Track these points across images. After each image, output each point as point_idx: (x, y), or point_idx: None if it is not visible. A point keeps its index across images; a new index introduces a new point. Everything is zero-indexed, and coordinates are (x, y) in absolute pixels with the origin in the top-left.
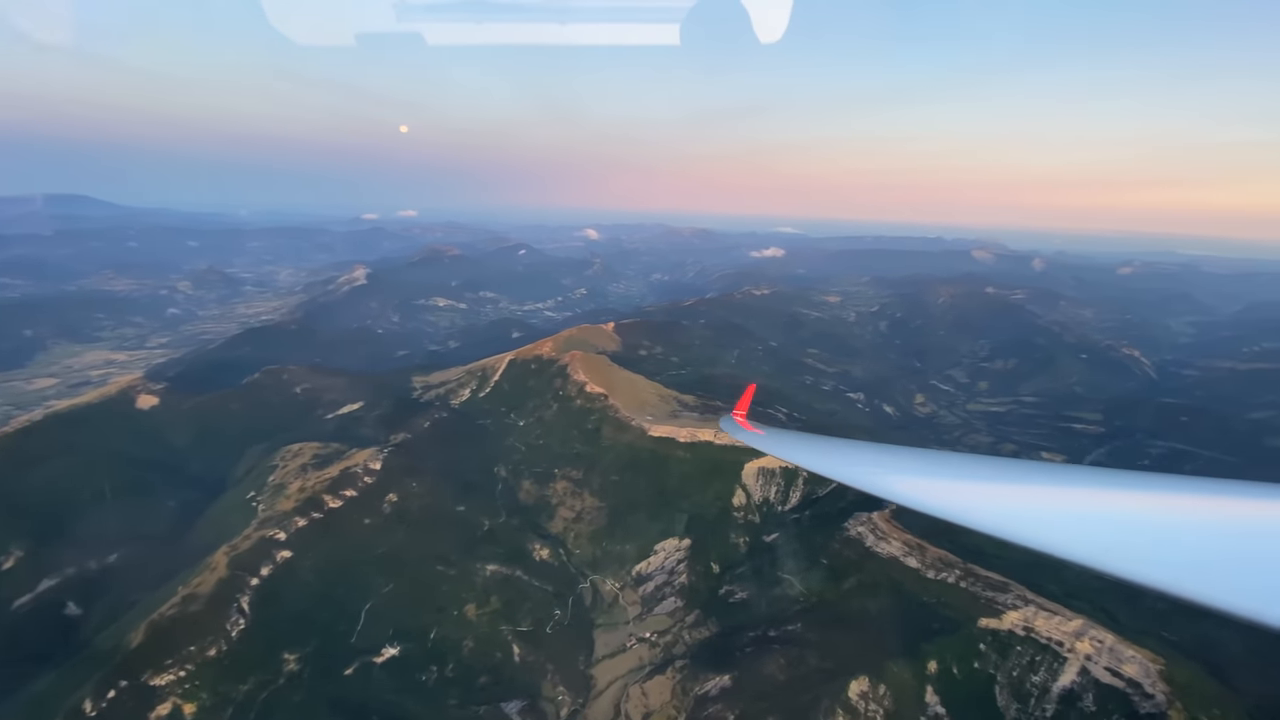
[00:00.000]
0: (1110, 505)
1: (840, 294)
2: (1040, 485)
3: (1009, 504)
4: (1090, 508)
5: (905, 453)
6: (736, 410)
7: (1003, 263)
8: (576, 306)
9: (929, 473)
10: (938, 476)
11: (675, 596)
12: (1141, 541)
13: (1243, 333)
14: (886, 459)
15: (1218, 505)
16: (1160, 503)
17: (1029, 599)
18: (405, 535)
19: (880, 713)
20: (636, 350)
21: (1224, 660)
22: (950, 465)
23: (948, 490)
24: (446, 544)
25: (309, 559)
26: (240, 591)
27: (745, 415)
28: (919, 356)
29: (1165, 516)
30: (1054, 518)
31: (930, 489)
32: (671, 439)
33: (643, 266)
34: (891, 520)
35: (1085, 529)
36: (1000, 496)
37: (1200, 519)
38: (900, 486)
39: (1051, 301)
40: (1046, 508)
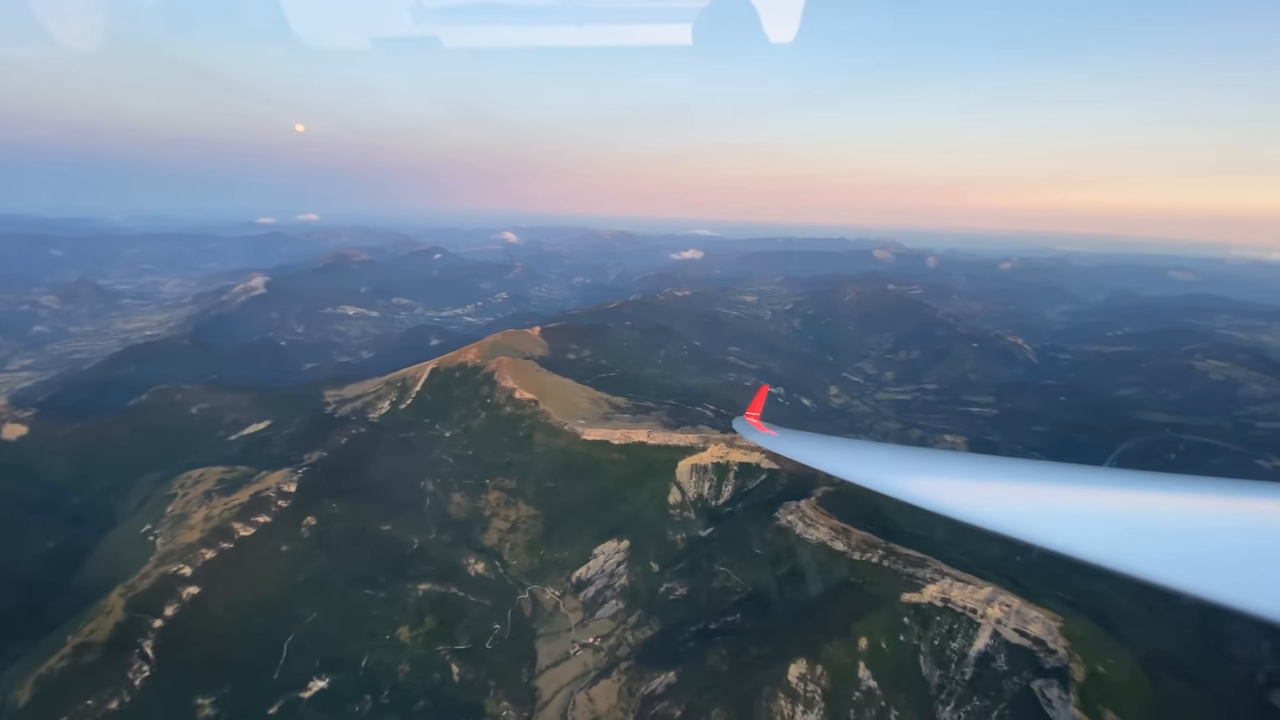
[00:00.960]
0: (1116, 504)
1: (756, 294)
2: (1046, 485)
3: (1017, 503)
4: (1096, 507)
5: (915, 453)
6: (750, 412)
7: (901, 261)
8: (498, 311)
9: (939, 473)
10: (947, 476)
11: (616, 599)
12: (1148, 540)
13: (1107, 319)
14: (897, 459)
15: (1222, 504)
16: (1165, 502)
17: (945, 572)
18: (328, 560)
19: (818, 692)
20: (565, 354)
21: (1113, 614)
22: (958, 465)
23: (957, 490)
24: (374, 566)
25: (220, 593)
26: (142, 635)
27: (759, 417)
28: (831, 351)
29: (1171, 515)
30: (1062, 517)
31: (940, 489)
32: (606, 442)
33: (564, 269)
34: (818, 507)
35: (1092, 528)
36: (1008, 496)
37: (1205, 518)
38: (911, 486)
39: (945, 296)
40: (1054, 507)
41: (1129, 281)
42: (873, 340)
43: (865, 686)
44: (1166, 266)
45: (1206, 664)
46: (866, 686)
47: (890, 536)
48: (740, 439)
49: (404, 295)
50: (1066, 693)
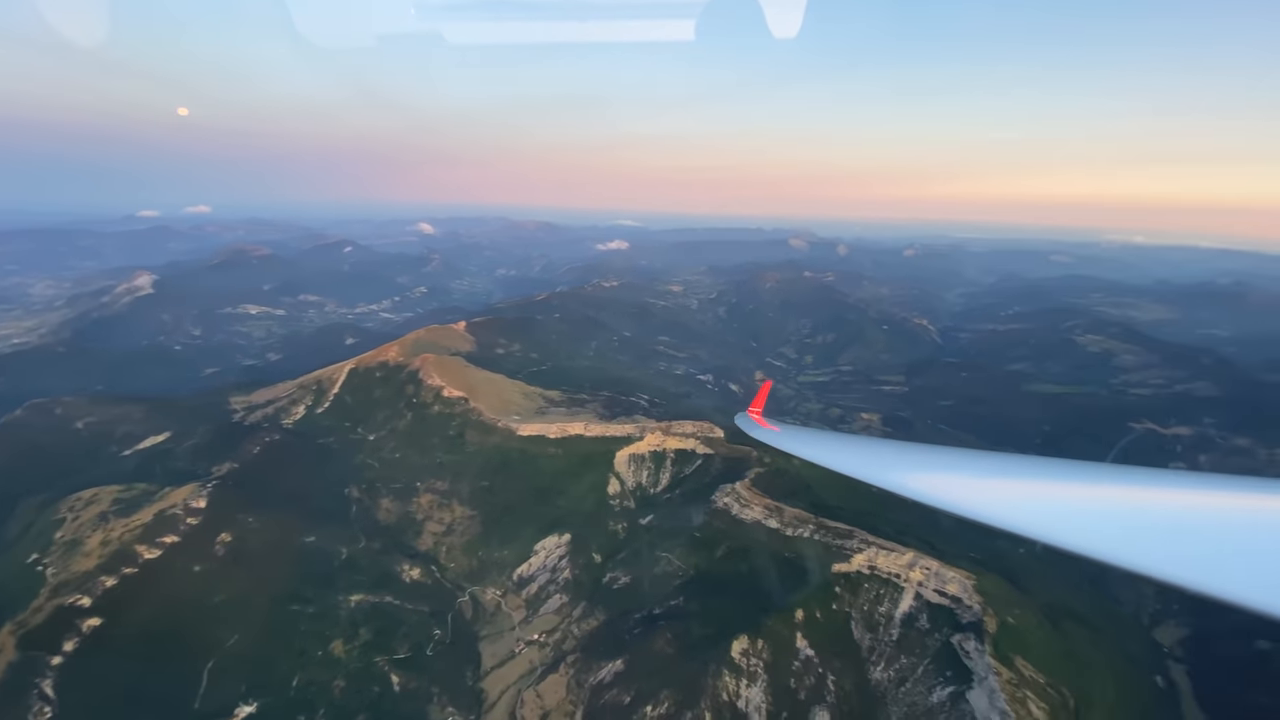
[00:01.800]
0: (1118, 501)
1: (682, 283)
2: (1046, 480)
3: (1017, 499)
4: (1096, 502)
5: (915, 449)
6: (752, 408)
7: (814, 249)
8: (417, 306)
9: (943, 469)
10: (951, 472)
11: (560, 593)
12: (1154, 537)
13: (999, 300)
14: (901, 456)
15: (1232, 501)
16: (1175, 499)
17: (870, 541)
18: (248, 577)
19: (760, 665)
20: (493, 349)
21: (1017, 569)
22: (962, 461)
23: (961, 486)
24: (299, 580)
25: (127, 623)
26: (38, 675)
27: (761, 412)
28: (754, 337)
29: (1183, 512)
30: (1063, 512)
31: (945, 485)
32: (541, 436)
33: (486, 261)
34: (752, 488)
35: (1092, 523)
36: (1008, 492)
37: (1207, 514)
38: (915, 483)
39: (856, 282)
40: (1054, 502)
41: (1016, 265)
42: (792, 326)
43: (803, 656)
44: (1047, 251)
45: (1099, 609)
46: (804, 656)
47: (819, 511)
48: (676, 426)
49: (312, 292)
50: (982, 644)
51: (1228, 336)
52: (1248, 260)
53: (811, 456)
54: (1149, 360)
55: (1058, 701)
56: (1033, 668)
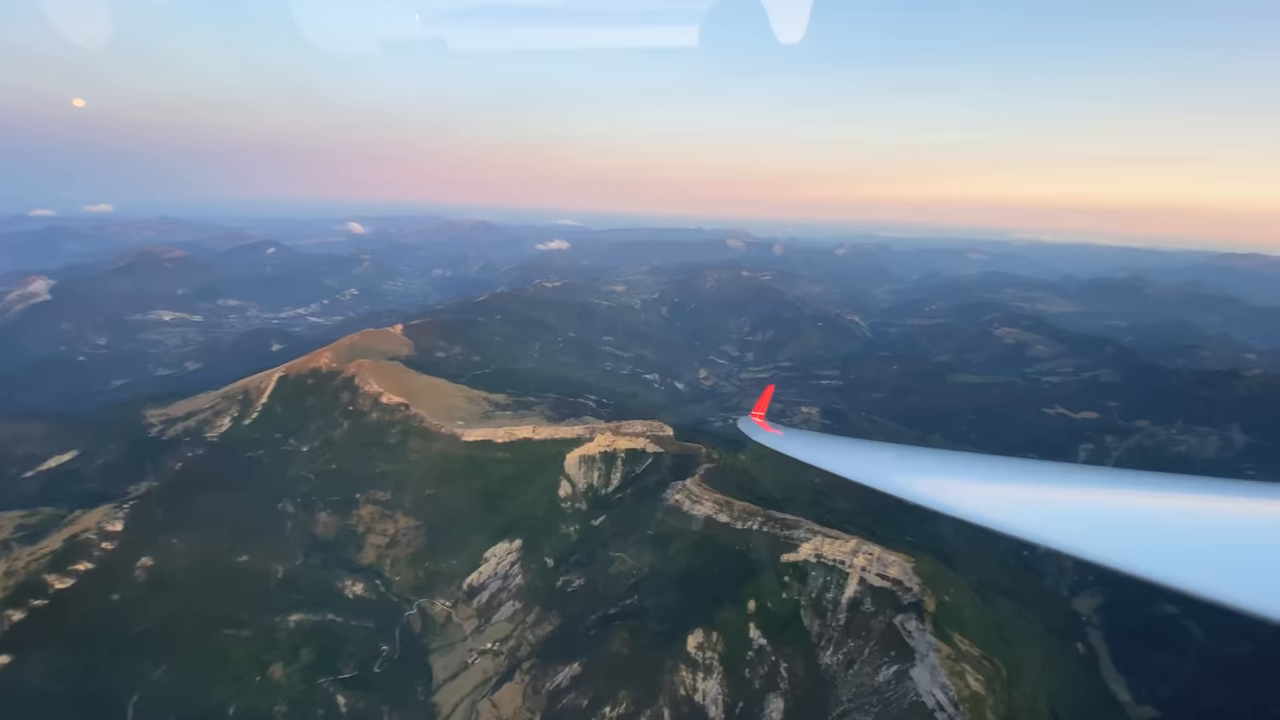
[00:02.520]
0: (1125, 504)
1: (625, 283)
2: (1049, 484)
3: (1022, 503)
4: (1099, 506)
5: (922, 453)
6: (755, 411)
7: (751, 249)
8: (348, 309)
9: (947, 473)
10: (955, 477)
11: (513, 600)
12: (1157, 540)
13: (924, 296)
14: (905, 460)
15: (1225, 504)
16: (1176, 503)
17: (815, 530)
18: (174, 603)
19: (716, 658)
20: (433, 352)
21: (949, 549)
22: (966, 466)
23: (966, 491)
24: (232, 602)
25: (38, 659)
26: None
27: (764, 416)
28: (697, 335)
29: (1181, 516)
30: (1067, 516)
31: (949, 490)
32: (488, 441)
33: (420, 262)
34: (702, 483)
35: (1095, 527)
36: (1016, 496)
37: (1216, 518)
38: (919, 487)
39: (792, 280)
40: (1058, 506)
41: (937, 263)
42: (733, 324)
43: (757, 645)
44: (964, 249)
45: (1023, 582)
46: (758, 645)
47: (767, 503)
48: (626, 425)
49: (233, 296)
50: (923, 623)
51: (1126, 326)
52: (1141, 257)
53: (815, 460)
54: (1058, 350)
55: (992, 672)
56: (969, 642)
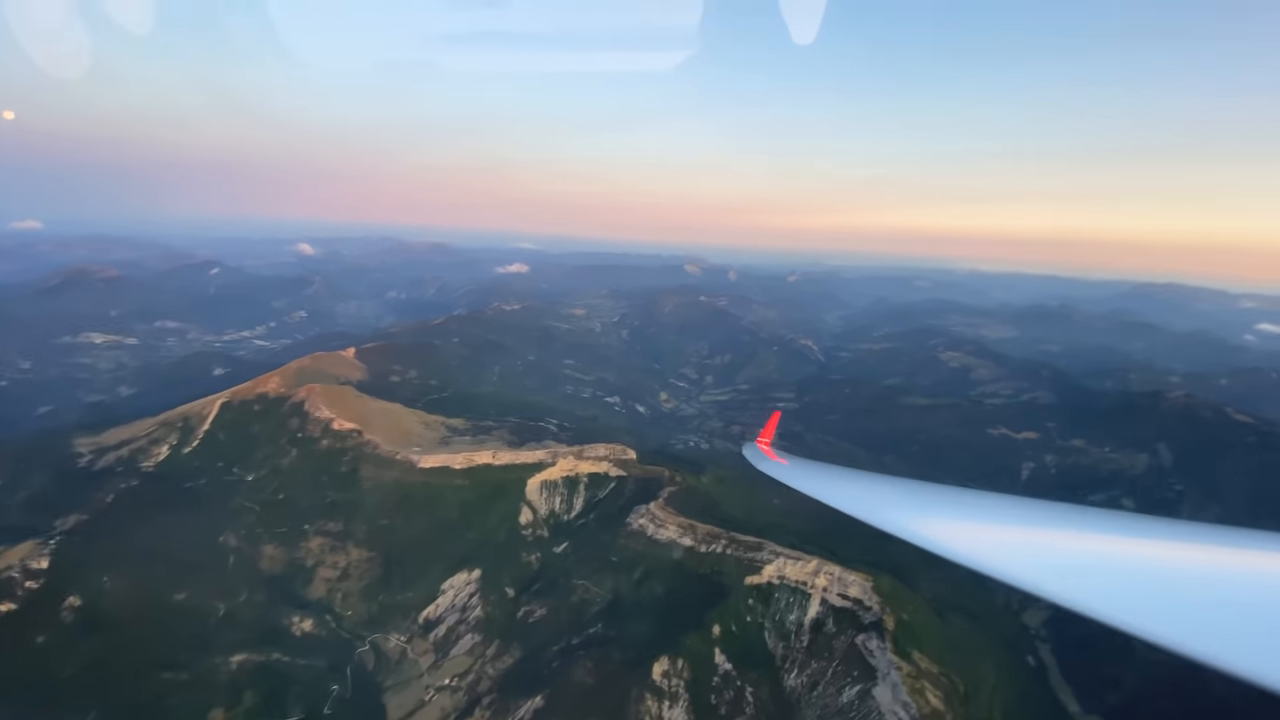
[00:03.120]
0: (1150, 559)
1: (585, 307)
2: (1076, 531)
3: (1043, 554)
4: (1136, 561)
5: (933, 490)
6: (761, 438)
7: (708, 275)
8: (296, 332)
9: (960, 515)
10: (969, 520)
11: (472, 632)
12: (1200, 609)
13: (872, 321)
14: (916, 498)
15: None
16: (1221, 558)
17: (778, 551)
18: (104, 645)
19: (681, 685)
20: (387, 377)
21: (905, 567)
22: (980, 506)
23: (978, 536)
24: (169, 643)
25: None
26: None
27: (770, 443)
28: (657, 359)
29: (1225, 575)
30: (1101, 573)
31: (961, 534)
32: (446, 468)
33: (374, 284)
34: (666, 507)
35: (1120, 587)
36: (1034, 545)
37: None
38: (930, 531)
39: (747, 306)
40: (1075, 556)
41: (884, 290)
42: (692, 348)
43: (722, 671)
44: (910, 277)
45: (976, 598)
46: (723, 671)
47: (730, 525)
48: (589, 449)
49: (172, 318)
50: (883, 642)
51: (1059, 351)
52: (1069, 285)
53: (820, 495)
54: (999, 373)
55: (950, 688)
56: (928, 659)
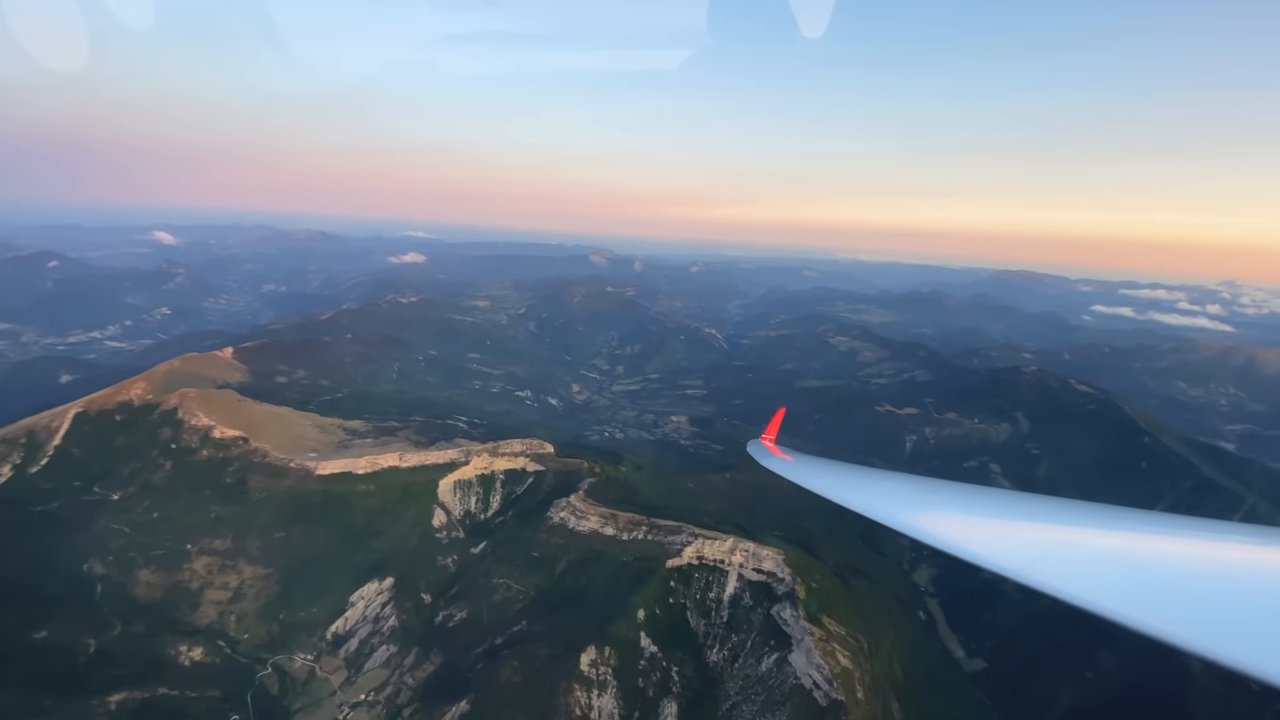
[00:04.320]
0: (1154, 553)
1: (488, 299)
2: (1079, 527)
3: (1044, 548)
4: (1152, 557)
5: (935, 486)
6: (765, 435)
7: (614, 265)
8: (158, 331)
9: (963, 509)
10: (972, 514)
11: (387, 643)
12: (1180, 599)
13: (769, 310)
14: (920, 494)
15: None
16: (1222, 554)
17: (696, 533)
18: None
19: (609, 672)
20: (272, 378)
21: (810, 539)
22: (983, 501)
23: (981, 531)
24: (31, 687)
25: None
26: None
27: (774, 440)
28: (567, 350)
29: (1207, 568)
30: (1105, 569)
31: (964, 529)
32: (348, 473)
33: (248, 276)
34: (587, 498)
35: (1125, 582)
36: (1050, 542)
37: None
38: (932, 526)
39: (654, 296)
40: (1074, 549)
41: (778, 279)
42: (602, 338)
43: (648, 654)
44: (799, 267)
45: (872, 562)
46: (649, 653)
47: (650, 511)
48: (504, 446)
49: (1, 319)
50: (796, 610)
51: (932, 333)
52: (938, 273)
53: (826, 492)
54: (882, 355)
55: (857, 648)
56: (836, 623)
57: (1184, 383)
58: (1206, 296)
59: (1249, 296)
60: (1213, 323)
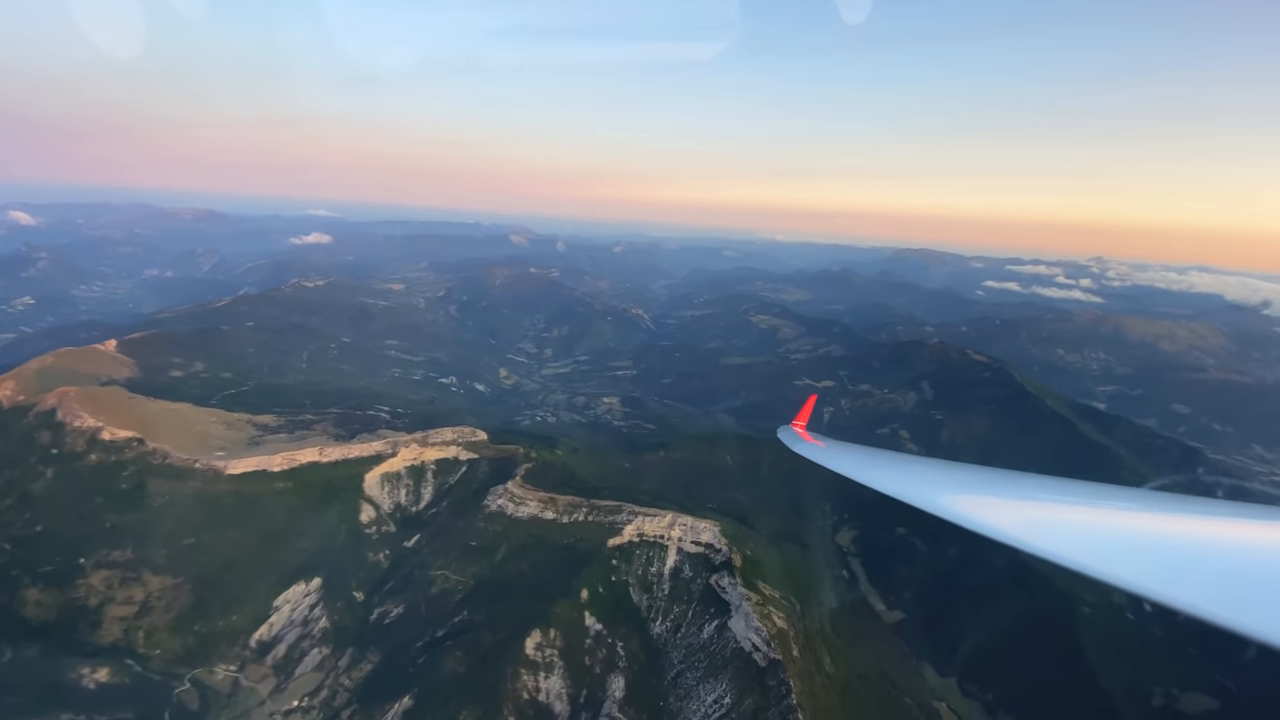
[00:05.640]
0: (1189, 535)
1: (403, 281)
2: (1114, 508)
3: (1084, 531)
4: (1158, 537)
5: (967, 470)
6: (796, 421)
7: (535, 245)
8: (21, 324)
9: (998, 494)
10: (1008, 498)
11: (319, 646)
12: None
13: (693, 290)
14: (955, 478)
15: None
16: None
17: (636, 511)
18: None
19: (555, 653)
20: (166, 372)
21: (743, 510)
22: (1019, 486)
23: (1019, 515)
24: None
25: None
26: None
27: (805, 426)
28: (492, 334)
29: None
30: (1144, 551)
31: (1001, 513)
32: (262, 471)
33: (125, 260)
34: (524, 484)
35: (1167, 563)
36: (1073, 522)
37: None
38: (970, 511)
39: (579, 277)
40: (1119, 534)
41: (699, 260)
42: (528, 321)
43: (594, 632)
44: (719, 247)
45: (799, 526)
46: (595, 631)
47: (589, 493)
48: (434, 435)
49: None
50: (734, 578)
51: (844, 310)
52: (847, 252)
53: (861, 477)
54: (800, 332)
55: (790, 609)
56: (770, 587)
57: (1062, 349)
58: (1079, 271)
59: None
60: (1086, 295)
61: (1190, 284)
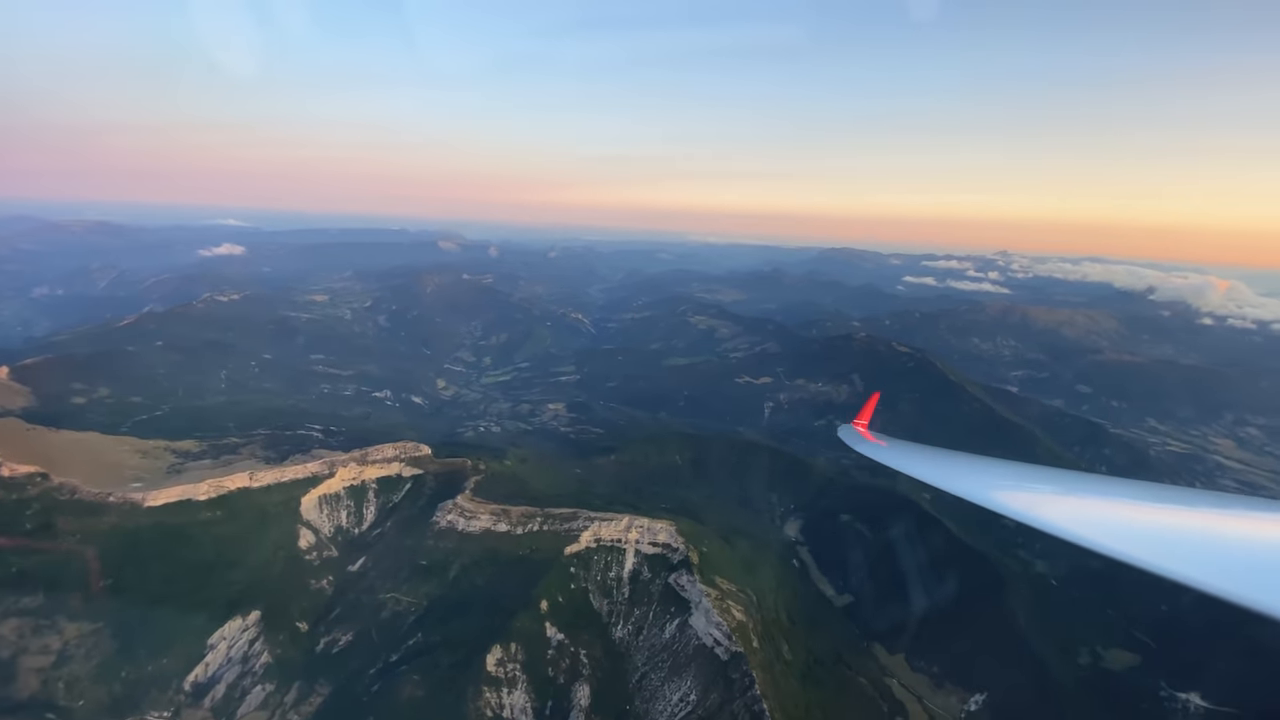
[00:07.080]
0: (1225, 530)
1: (327, 292)
2: (1167, 506)
3: (1141, 528)
4: (1232, 535)
5: (1037, 471)
6: (858, 420)
7: (467, 251)
8: None
9: (1060, 492)
10: (1069, 495)
11: (261, 683)
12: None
13: (630, 293)
14: (1020, 478)
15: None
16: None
17: (592, 517)
18: None
19: (518, 667)
20: (67, 399)
21: (695, 508)
22: (1079, 485)
23: (1083, 513)
24: None
25: None
26: None
27: (867, 425)
28: (426, 344)
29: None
30: (1201, 547)
31: (1065, 511)
32: (186, 501)
33: (9, 279)
34: (474, 497)
35: (1230, 558)
36: (1133, 520)
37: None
38: (1034, 509)
39: (514, 283)
40: (1188, 534)
41: (635, 263)
42: (464, 329)
43: (555, 642)
44: (654, 250)
45: (749, 521)
46: (556, 642)
47: (543, 502)
48: (375, 452)
49: None
50: (692, 575)
51: (776, 308)
52: (777, 253)
53: (922, 476)
54: (737, 331)
55: (747, 601)
56: (727, 581)
57: (977, 338)
58: (987, 265)
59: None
60: (994, 286)
61: (1084, 274)
